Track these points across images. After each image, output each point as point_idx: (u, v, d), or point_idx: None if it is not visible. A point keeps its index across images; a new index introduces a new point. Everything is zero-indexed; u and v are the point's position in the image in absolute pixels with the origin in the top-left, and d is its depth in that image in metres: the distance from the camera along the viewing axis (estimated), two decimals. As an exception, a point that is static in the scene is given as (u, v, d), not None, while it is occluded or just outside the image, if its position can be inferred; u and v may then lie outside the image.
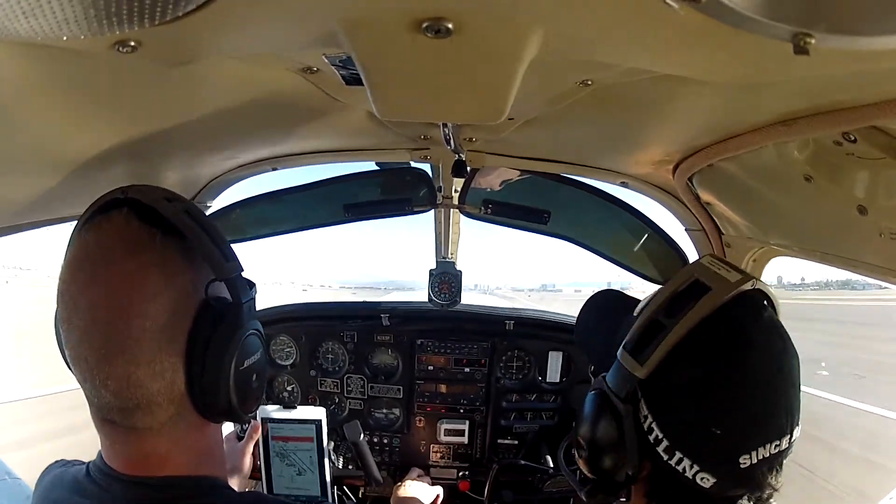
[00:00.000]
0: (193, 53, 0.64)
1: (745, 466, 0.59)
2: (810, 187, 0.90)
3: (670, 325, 0.62)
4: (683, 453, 0.61)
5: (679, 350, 0.62)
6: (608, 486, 0.70)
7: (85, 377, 0.60)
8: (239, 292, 0.66)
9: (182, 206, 0.65)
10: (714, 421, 0.60)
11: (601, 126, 1.13)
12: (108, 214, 0.62)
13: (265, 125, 1.15)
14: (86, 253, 0.61)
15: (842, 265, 1.00)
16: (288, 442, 1.45)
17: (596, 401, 0.69)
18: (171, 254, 0.62)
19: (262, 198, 1.68)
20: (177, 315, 0.61)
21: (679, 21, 0.47)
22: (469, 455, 1.91)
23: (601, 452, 0.68)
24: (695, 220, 1.47)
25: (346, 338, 1.89)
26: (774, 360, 0.62)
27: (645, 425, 0.64)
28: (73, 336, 0.59)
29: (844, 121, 0.69)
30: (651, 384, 0.63)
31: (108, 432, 0.64)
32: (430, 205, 1.69)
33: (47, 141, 0.82)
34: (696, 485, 0.61)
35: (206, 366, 0.62)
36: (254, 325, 0.69)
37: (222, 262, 0.64)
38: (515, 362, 1.90)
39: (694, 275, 0.66)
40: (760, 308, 0.64)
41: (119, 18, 0.43)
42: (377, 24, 0.52)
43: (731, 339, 0.62)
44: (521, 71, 0.61)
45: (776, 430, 0.60)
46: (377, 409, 1.92)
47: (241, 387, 0.66)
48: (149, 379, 0.59)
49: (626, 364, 0.65)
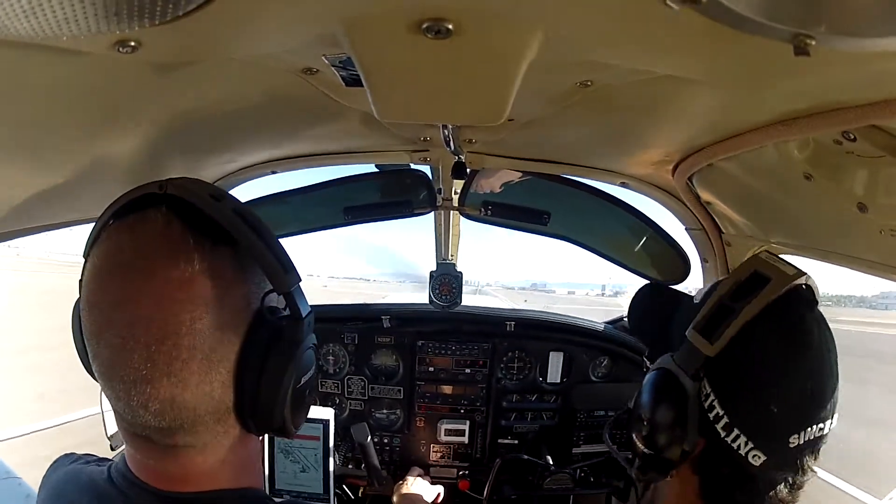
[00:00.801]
0: (193, 54, 0.64)
1: (794, 446, 0.64)
2: (810, 186, 0.91)
3: (738, 308, 0.67)
4: (741, 430, 0.65)
5: (744, 332, 0.66)
6: (661, 464, 0.73)
7: (119, 396, 0.53)
8: (299, 306, 0.59)
9: (231, 205, 0.57)
10: (772, 400, 0.64)
11: (601, 127, 1.13)
12: (144, 213, 0.54)
13: (265, 127, 1.16)
14: (120, 258, 0.53)
15: (842, 263, 1.01)
16: (294, 439, 1.46)
17: (662, 378, 0.73)
18: (223, 263, 0.55)
19: (262, 201, 1.68)
20: (228, 331, 0.55)
21: (679, 22, 0.47)
22: (469, 455, 1.91)
23: (661, 428, 0.71)
24: (695, 219, 1.47)
25: (346, 339, 1.89)
26: (826, 348, 0.67)
27: (706, 403, 0.68)
28: (104, 352, 0.52)
29: (844, 120, 0.69)
30: (716, 364, 0.68)
31: (139, 446, 0.58)
32: (430, 207, 1.69)
33: (46, 144, 0.81)
34: (746, 462, 0.65)
35: (262, 384, 0.57)
36: (312, 339, 0.63)
37: (281, 273, 0.57)
38: (516, 363, 1.90)
39: (754, 267, 0.71)
40: (813, 301, 0.70)
41: (119, 18, 0.43)
42: (377, 25, 0.52)
43: (792, 327, 0.67)
44: (521, 72, 0.61)
45: (822, 414, 0.65)
46: (378, 410, 1.92)
47: (296, 404, 0.61)
48: (196, 401, 0.53)
49: (695, 342, 0.69)
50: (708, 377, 0.69)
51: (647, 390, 0.75)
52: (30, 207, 0.97)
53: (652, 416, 0.72)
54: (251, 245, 0.56)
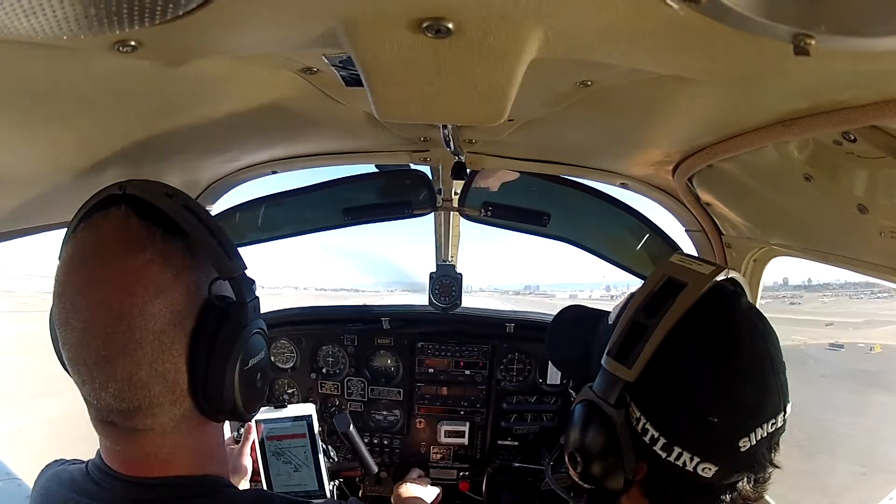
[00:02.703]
0: (193, 53, 0.64)
1: (746, 449, 0.61)
2: (810, 187, 0.90)
3: (652, 325, 0.63)
4: (682, 447, 0.62)
5: (665, 348, 0.62)
6: (604, 495, 0.70)
7: (84, 380, 0.58)
8: (243, 291, 0.64)
9: (182, 201, 0.63)
10: (710, 410, 0.61)
11: (601, 127, 1.14)
12: (106, 212, 0.61)
13: (265, 127, 1.15)
14: (83, 252, 0.59)
15: (842, 264, 1.00)
16: (282, 440, 1.48)
17: (585, 410, 0.69)
18: (173, 252, 0.61)
19: (261, 201, 1.68)
20: (179, 315, 0.59)
21: (679, 22, 0.47)
22: (469, 456, 1.91)
23: (596, 461, 0.68)
24: (695, 220, 1.47)
25: (346, 341, 1.89)
26: (761, 343, 0.63)
27: (638, 427, 0.64)
28: (70, 337, 0.58)
29: (844, 120, 0.69)
30: (640, 386, 0.64)
31: (108, 433, 0.62)
32: (429, 207, 1.69)
33: (45, 144, 0.81)
34: (697, 476, 0.62)
35: (210, 366, 0.61)
36: (258, 323, 0.67)
37: (226, 260, 0.63)
38: (516, 364, 1.90)
39: (666, 274, 0.67)
40: (738, 295, 0.66)
41: (119, 18, 0.43)
42: (377, 23, 0.52)
43: (717, 330, 0.64)
44: (521, 71, 0.61)
45: (771, 410, 0.61)
46: (377, 411, 1.92)
47: (246, 386, 0.65)
48: (151, 380, 0.58)
49: (612, 370, 0.65)
50: (635, 401, 0.65)
51: (574, 426, 0.70)
52: (28, 208, 0.96)
53: (584, 451, 0.68)
54: (198, 236, 0.62)
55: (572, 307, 0.94)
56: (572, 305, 0.94)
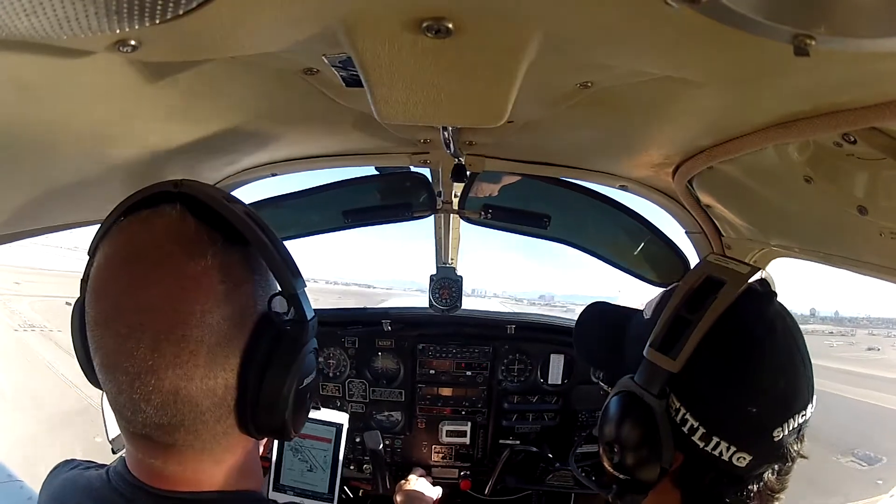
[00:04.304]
0: (193, 53, 0.63)
1: (778, 439, 0.64)
2: (810, 188, 0.90)
3: (695, 319, 0.66)
4: (721, 437, 0.64)
5: (707, 341, 0.65)
6: (636, 486, 0.71)
7: (121, 389, 0.53)
8: (304, 309, 0.60)
9: (244, 208, 0.59)
10: (749, 401, 0.64)
11: (601, 129, 1.14)
12: (158, 209, 0.56)
13: (265, 128, 1.16)
14: (132, 248, 0.54)
15: (842, 265, 1.01)
16: (305, 439, 1.49)
17: (625, 401, 0.71)
18: (234, 262, 0.56)
19: (262, 204, 1.68)
20: (235, 328, 0.55)
21: (679, 22, 0.47)
22: (470, 455, 1.92)
23: (635, 451, 0.69)
24: (695, 222, 1.47)
25: (347, 343, 1.89)
26: (791, 339, 0.67)
27: (678, 418, 0.67)
28: (109, 342, 0.52)
29: (844, 122, 0.69)
30: (681, 377, 0.67)
31: (140, 446, 0.58)
32: (429, 210, 1.69)
33: (43, 145, 0.81)
34: (732, 466, 0.65)
35: (265, 384, 0.57)
36: (314, 342, 0.64)
37: (289, 276, 0.58)
38: (517, 365, 1.90)
39: (706, 272, 0.70)
40: (771, 293, 0.70)
41: (119, 17, 0.43)
42: (377, 23, 0.52)
43: (756, 326, 0.67)
44: (521, 72, 0.61)
45: (802, 402, 0.65)
46: (378, 413, 1.92)
47: (297, 405, 0.61)
48: (199, 395, 0.54)
49: (656, 361, 0.68)
50: (675, 392, 0.67)
51: (613, 416, 0.72)
52: (30, 210, 0.96)
53: (623, 441, 0.70)
54: (262, 247, 0.57)
55: (598, 303, 0.97)
56: (598, 302, 0.97)
